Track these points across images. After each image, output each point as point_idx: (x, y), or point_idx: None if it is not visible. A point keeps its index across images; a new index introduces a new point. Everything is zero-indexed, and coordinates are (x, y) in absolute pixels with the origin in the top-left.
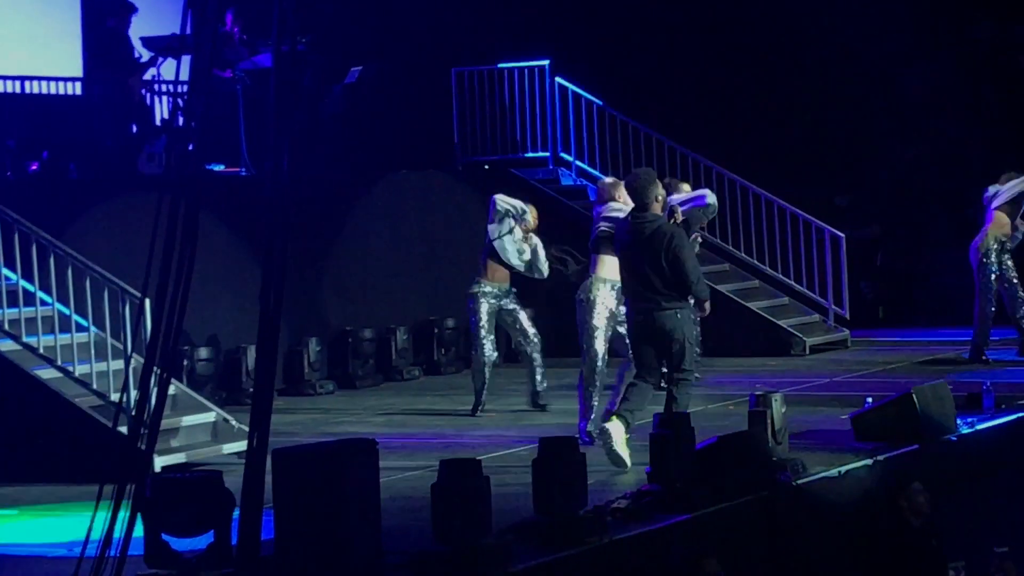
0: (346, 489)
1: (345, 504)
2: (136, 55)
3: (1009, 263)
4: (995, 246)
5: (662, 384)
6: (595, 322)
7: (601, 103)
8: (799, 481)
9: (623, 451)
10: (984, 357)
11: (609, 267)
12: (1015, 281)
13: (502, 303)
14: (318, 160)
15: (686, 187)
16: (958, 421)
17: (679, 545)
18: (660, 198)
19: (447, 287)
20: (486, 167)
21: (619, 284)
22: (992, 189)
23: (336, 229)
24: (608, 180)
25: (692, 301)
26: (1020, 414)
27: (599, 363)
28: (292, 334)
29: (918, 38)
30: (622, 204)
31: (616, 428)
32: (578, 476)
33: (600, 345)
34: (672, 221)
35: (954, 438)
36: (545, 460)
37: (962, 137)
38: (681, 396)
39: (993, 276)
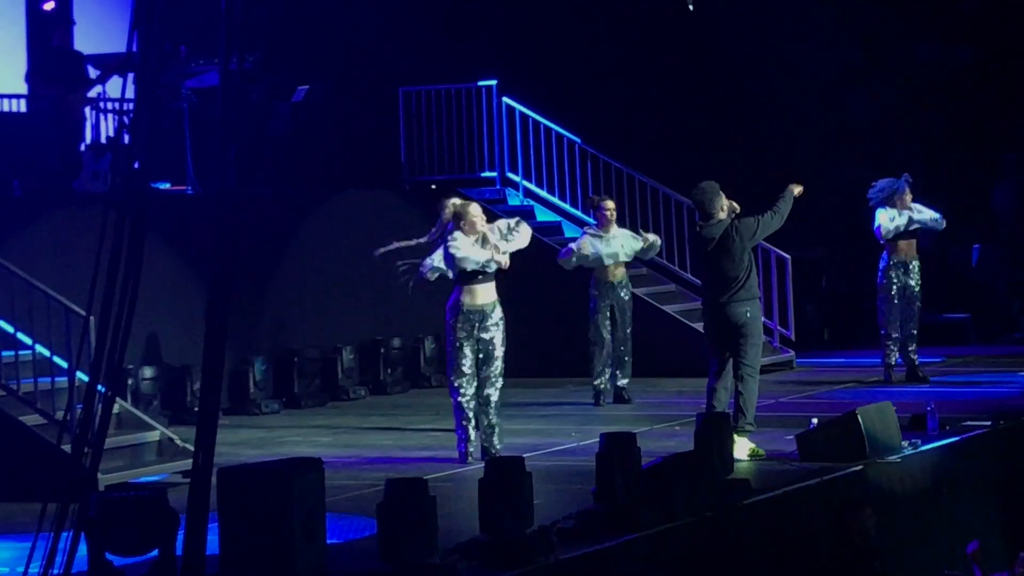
0: (291, 508)
1: (290, 523)
2: (82, 72)
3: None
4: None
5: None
6: (460, 348)
7: (548, 123)
8: (745, 501)
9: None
10: (921, 375)
11: (474, 295)
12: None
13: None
14: (265, 179)
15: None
16: (902, 441)
17: None
18: (725, 207)
19: (393, 307)
20: (433, 187)
21: (475, 311)
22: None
23: (282, 248)
24: (457, 201)
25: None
26: (963, 435)
27: (469, 385)
28: (238, 353)
29: (862, 59)
30: (460, 237)
31: (741, 445)
32: (524, 496)
33: (466, 369)
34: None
35: (898, 458)
36: (492, 479)
37: (907, 158)
38: (747, 391)
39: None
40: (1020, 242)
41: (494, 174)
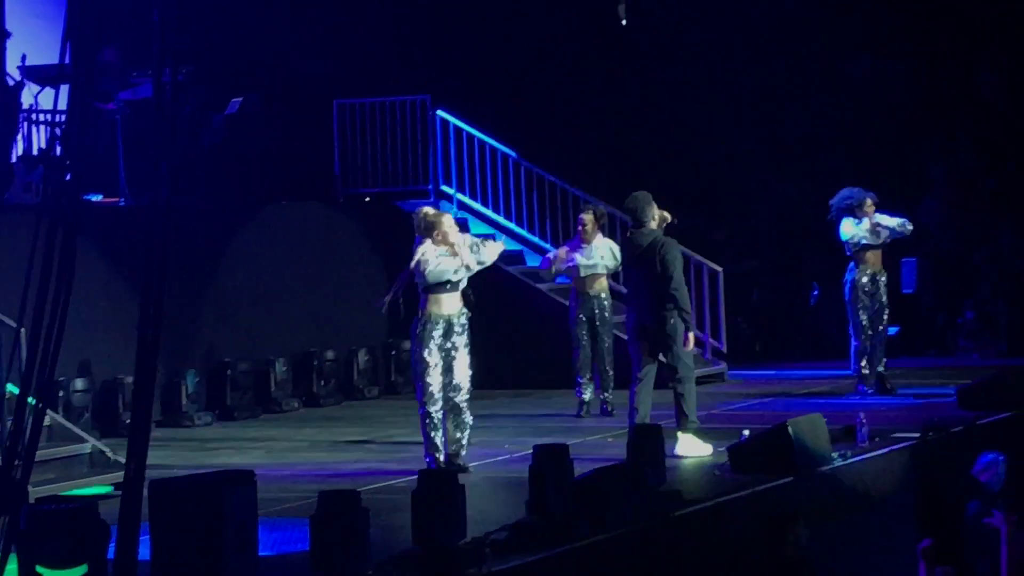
0: (223, 520)
1: (221, 535)
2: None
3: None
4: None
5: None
6: (427, 357)
7: (482, 136)
8: (677, 512)
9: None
10: (888, 386)
11: (440, 304)
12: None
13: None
14: (198, 190)
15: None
16: (833, 453)
17: None
18: (657, 216)
19: (327, 319)
20: (367, 199)
21: (447, 321)
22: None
23: (215, 260)
24: (429, 211)
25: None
26: (893, 447)
27: (436, 394)
28: (170, 365)
29: (795, 73)
30: (428, 249)
31: (685, 441)
32: (457, 508)
33: (433, 378)
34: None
35: (829, 470)
36: (424, 492)
37: (839, 172)
38: (684, 390)
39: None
40: (947, 256)
41: (428, 186)
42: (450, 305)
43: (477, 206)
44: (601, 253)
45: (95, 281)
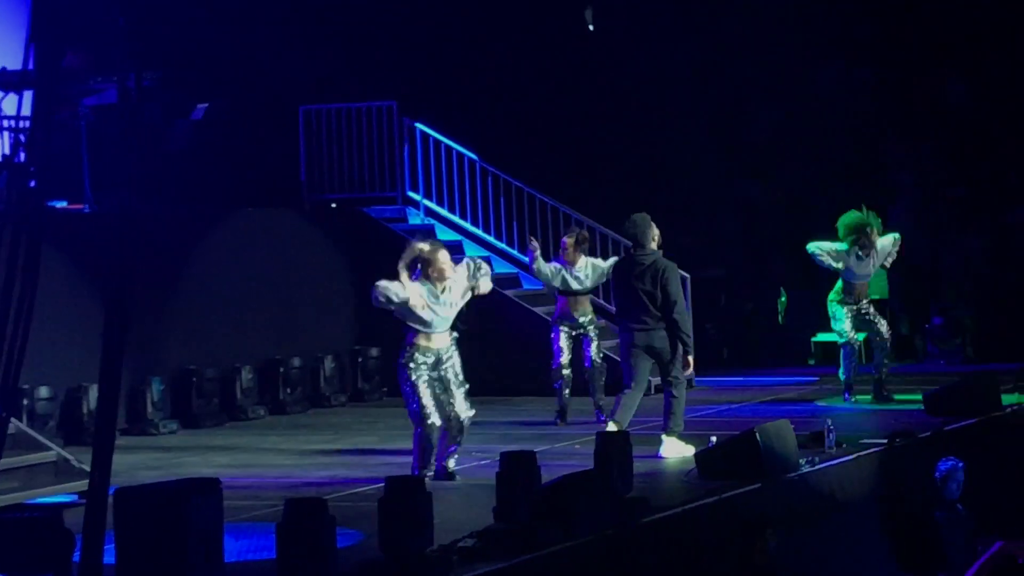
0: (189, 529)
1: (187, 544)
2: None
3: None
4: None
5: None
6: (416, 382)
7: (449, 142)
8: (644, 519)
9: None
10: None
11: (430, 339)
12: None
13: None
14: (164, 197)
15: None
16: (800, 459)
17: None
18: (656, 237)
19: (293, 326)
20: (333, 205)
21: (430, 352)
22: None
23: (181, 267)
24: (424, 247)
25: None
26: (860, 453)
27: (430, 410)
28: (135, 373)
29: (763, 79)
30: (414, 292)
31: (670, 444)
32: (424, 515)
33: (426, 399)
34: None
35: (796, 476)
36: (391, 500)
37: (807, 179)
38: (679, 393)
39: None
40: (915, 263)
41: (395, 193)
42: (439, 340)
43: (444, 212)
44: (585, 273)
45: (60, 288)
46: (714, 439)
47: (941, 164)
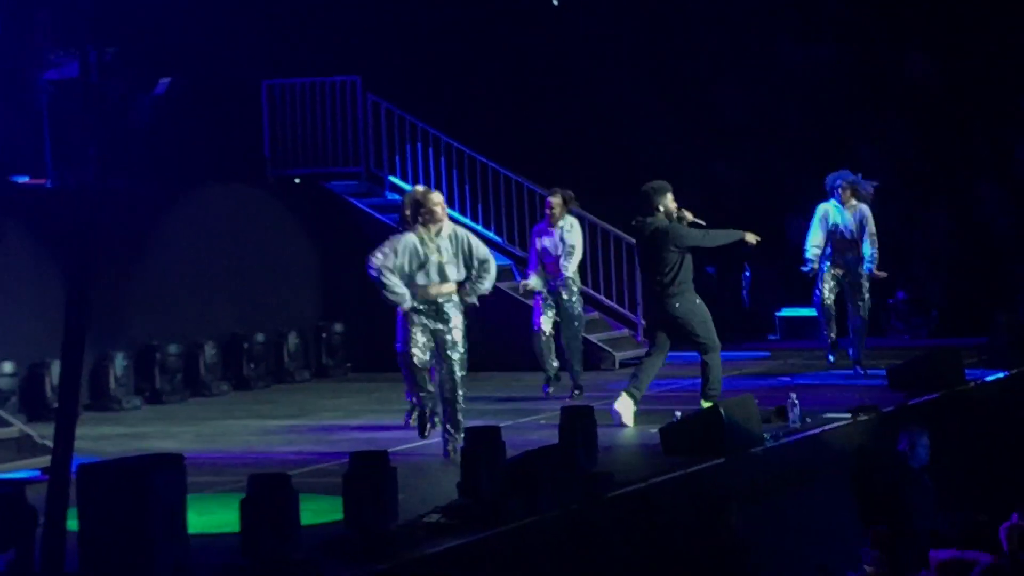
0: (151, 504)
1: (150, 519)
2: None
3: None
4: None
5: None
6: (413, 334)
7: (413, 119)
8: (609, 494)
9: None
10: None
11: (423, 289)
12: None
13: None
14: (126, 172)
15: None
16: (764, 434)
17: None
18: (663, 208)
19: (257, 301)
20: (297, 181)
21: (429, 302)
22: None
23: (144, 242)
24: (419, 188)
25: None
26: (824, 427)
27: (411, 349)
28: (98, 348)
29: (730, 58)
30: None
31: (624, 403)
32: (389, 491)
33: (414, 336)
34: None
35: (760, 451)
36: (355, 475)
37: (772, 156)
38: (710, 360)
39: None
40: (880, 238)
41: (359, 168)
42: (436, 288)
43: (408, 187)
44: (562, 235)
45: (22, 263)
46: (678, 414)
47: (906, 139)
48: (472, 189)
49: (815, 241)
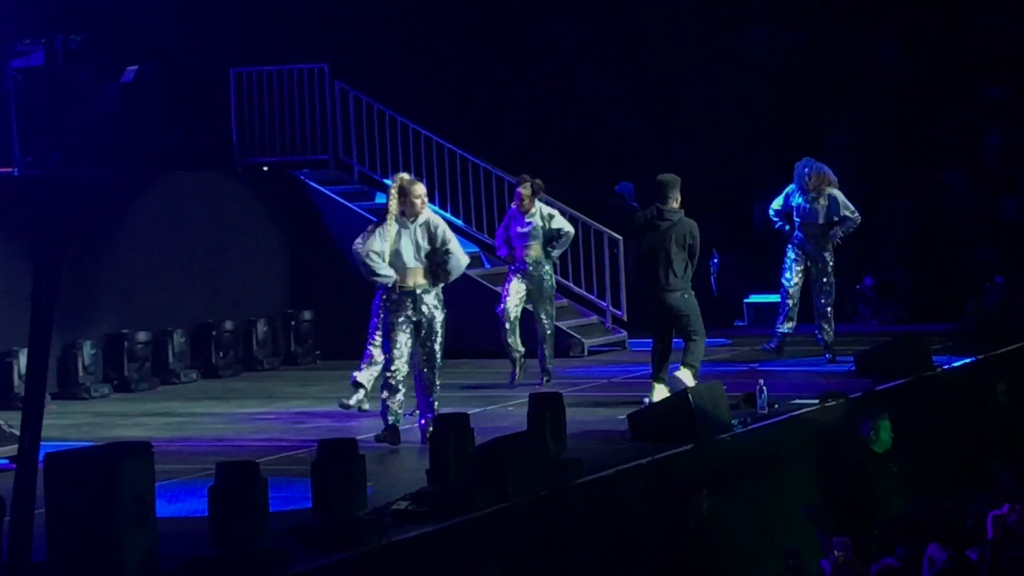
0: (119, 493)
1: (119, 508)
2: None
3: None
4: None
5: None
6: (393, 323)
7: (382, 107)
8: (578, 481)
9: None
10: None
11: (404, 277)
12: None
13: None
14: (94, 160)
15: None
16: (732, 420)
17: None
18: (677, 201)
19: (225, 289)
20: (265, 168)
21: (406, 293)
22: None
23: (111, 230)
24: (406, 176)
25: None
26: (791, 414)
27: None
28: (66, 336)
29: (697, 43)
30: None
31: (659, 391)
32: (357, 478)
33: (399, 349)
34: None
35: (729, 437)
36: (324, 462)
37: (740, 144)
38: (696, 347)
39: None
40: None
41: (327, 156)
42: (413, 277)
43: (376, 176)
44: (535, 221)
45: None
46: (647, 400)
47: (873, 126)
48: (440, 176)
49: (776, 207)
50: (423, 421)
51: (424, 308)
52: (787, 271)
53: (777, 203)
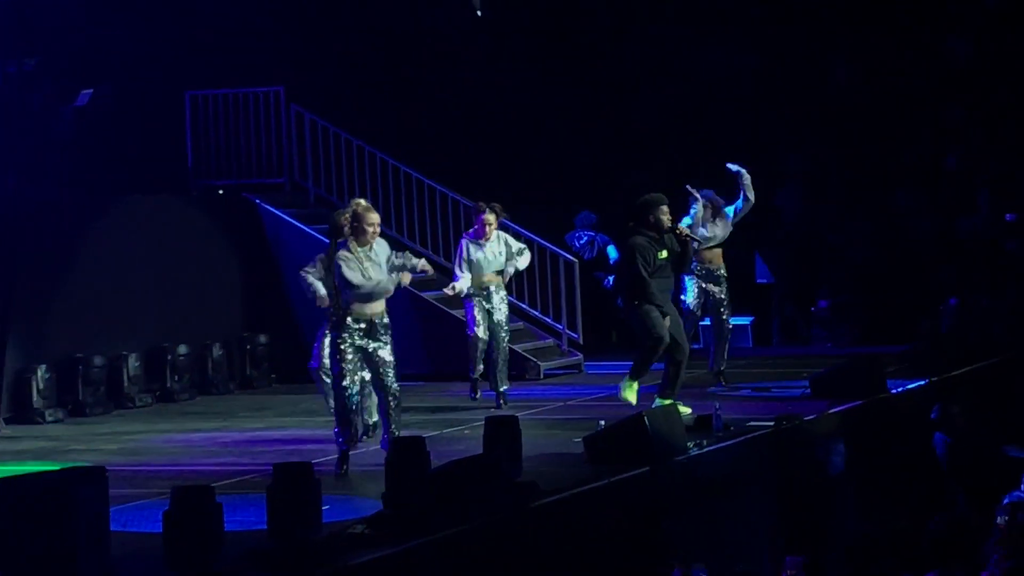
0: (74, 517)
1: (73, 533)
2: None
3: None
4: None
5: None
6: (343, 349)
7: (337, 129)
8: (534, 503)
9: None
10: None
11: (358, 305)
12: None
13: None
14: (48, 183)
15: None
16: (688, 443)
17: None
18: (653, 219)
19: (180, 313)
20: (220, 192)
21: (363, 320)
22: None
23: (67, 253)
24: (362, 202)
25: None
26: (747, 436)
27: (345, 380)
28: (20, 360)
29: (650, 64)
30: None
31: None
32: (312, 501)
33: (350, 368)
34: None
35: (684, 459)
36: (279, 486)
37: (694, 164)
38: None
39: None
40: (803, 246)
41: (283, 180)
42: (371, 307)
43: (332, 199)
44: (497, 250)
45: None
46: (603, 423)
47: (827, 148)
48: (396, 198)
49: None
50: (385, 437)
51: (378, 335)
52: (685, 292)
53: None
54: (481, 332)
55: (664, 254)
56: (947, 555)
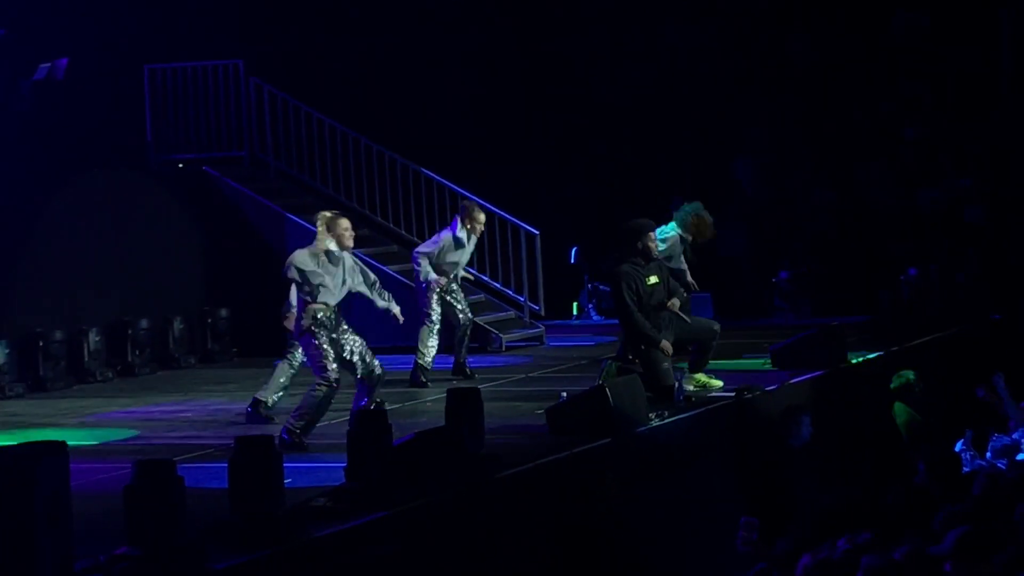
0: (33, 492)
1: (33, 508)
2: None
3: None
4: None
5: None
6: (324, 347)
7: (297, 103)
8: (496, 475)
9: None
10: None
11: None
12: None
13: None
14: (6, 158)
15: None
16: (650, 414)
17: None
18: (641, 246)
19: (141, 287)
20: (180, 165)
21: (331, 311)
22: None
23: (25, 228)
24: (327, 214)
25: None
26: (708, 407)
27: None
28: None
29: (611, 40)
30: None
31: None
32: (275, 475)
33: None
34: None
35: (646, 431)
36: (241, 459)
37: (656, 137)
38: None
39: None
40: (764, 218)
41: (243, 153)
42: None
43: (293, 172)
44: (470, 250)
45: None
46: (564, 395)
47: (788, 120)
48: (357, 171)
49: None
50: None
51: (344, 323)
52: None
53: None
54: (436, 317)
55: (653, 279)
56: (905, 524)
